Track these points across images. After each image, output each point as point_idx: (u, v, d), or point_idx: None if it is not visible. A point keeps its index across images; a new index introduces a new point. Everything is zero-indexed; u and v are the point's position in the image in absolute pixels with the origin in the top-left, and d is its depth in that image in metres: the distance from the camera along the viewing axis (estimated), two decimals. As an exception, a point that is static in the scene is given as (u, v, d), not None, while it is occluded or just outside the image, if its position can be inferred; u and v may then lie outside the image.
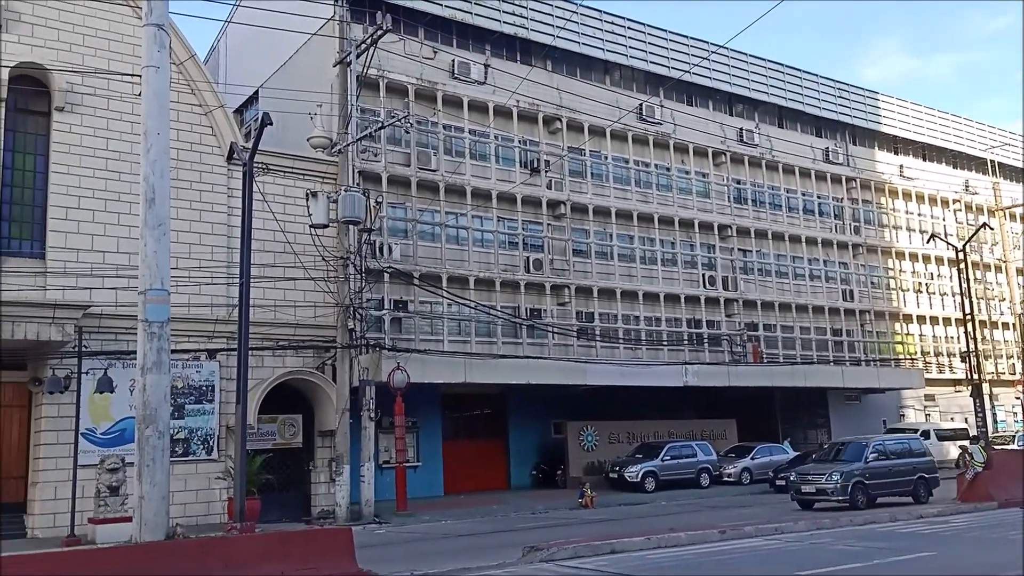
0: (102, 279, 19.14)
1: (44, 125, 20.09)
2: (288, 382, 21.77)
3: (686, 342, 30.22)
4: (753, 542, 14.28)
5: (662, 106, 31.02)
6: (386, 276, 23.59)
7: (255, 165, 16.69)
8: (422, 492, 24.73)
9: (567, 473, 27.98)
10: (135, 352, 11.33)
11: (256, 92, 28.59)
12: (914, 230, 38.79)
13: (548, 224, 27.77)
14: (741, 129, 33.42)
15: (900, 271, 37.93)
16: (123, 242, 19.67)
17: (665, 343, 29.71)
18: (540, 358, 25.98)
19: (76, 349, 18.45)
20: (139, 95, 12.11)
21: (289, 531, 12.55)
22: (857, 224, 36.57)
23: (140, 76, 11.77)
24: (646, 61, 31.31)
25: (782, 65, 35.86)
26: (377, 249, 23.42)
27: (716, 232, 31.83)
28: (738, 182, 33.19)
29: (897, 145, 39.53)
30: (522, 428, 29.10)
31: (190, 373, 20.52)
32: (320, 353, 22.38)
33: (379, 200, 23.01)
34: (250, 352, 16.09)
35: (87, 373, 18.87)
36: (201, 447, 20.56)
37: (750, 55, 34.70)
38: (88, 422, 19.02)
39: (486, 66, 26.86)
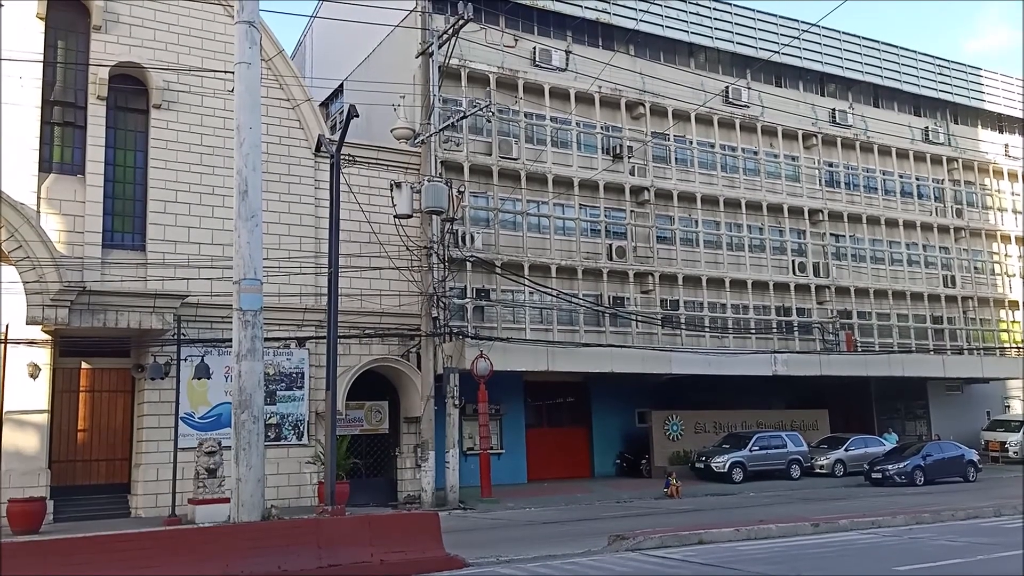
0: (198, 270, 19.88)
1: (143, 122, 20.96)
2: (374, 369, 22.18)
3: (775, 330, 29.40)
4: (848, 536, 13.79)
5: (749, 88, 30.13)
6: (468, 265, 23.73)
7: (341, 157, 17.02)
8: (506, 479, 24.86)
9: (652, 462, 27.67)
10: (230, 340, 11.70)
11: (341, 85, 29.12)
12: (1020, 212, 36.67)
13: (631, 211, 27.41)
14: (834, 110, 32.21)
15: (1006, 255, 35.94)
16: (217, 234, 20.37)
17: (753, 331, 28.98)
18: (623, 346, 25.70)
19: (175, 337, 19.22)
20: (231, 91, 12.45)
21: (378, 515, 12.77)
22: (959, 206, 34.82)
23: (232, 72, 12.07)
24: (732, 42, 30.47)
25: (877, 42, 34.36)
26: (459, 238, 23.56)
27: (807, 217, 30.80)
28: (830, 165, 32.04)
29: (1002, 123, 37.39)
30: (605, 416, 28.92)
31: (281, 360, 21.13)
32: (405, 341, 22.71)
33: (461, 189, 23.14)
34: (338, 340, 16.43)
35: (185, 360, 19.65)
36: (292, 432, 21.17)
37: (843, 32, 33.39)
38: (187, 407, 19.83)
39: (567, 52, 26.63)
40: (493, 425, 24.90)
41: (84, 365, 19.89)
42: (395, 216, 21.49)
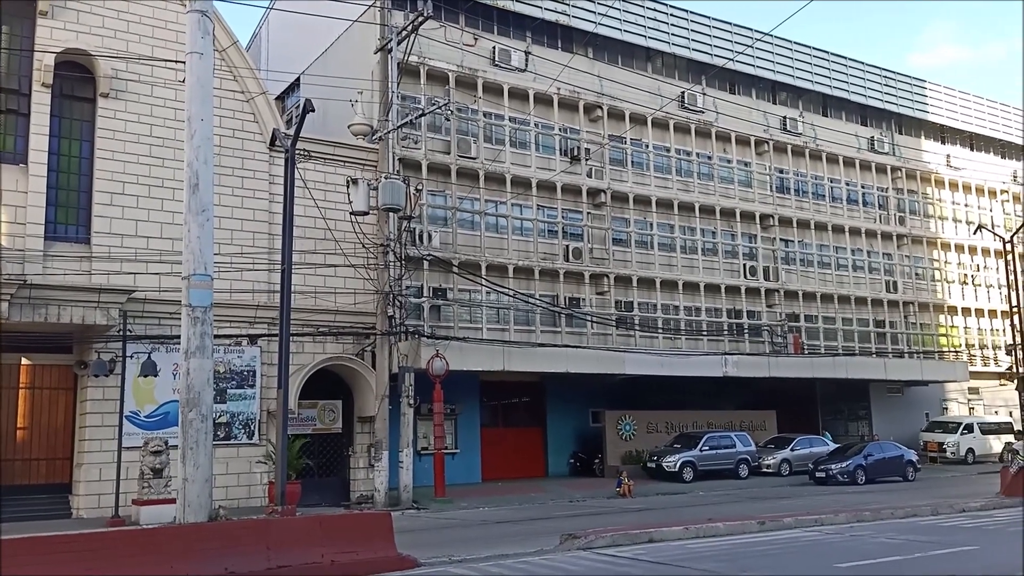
0: (146, 264, 19.43)
1: (89, 111, 20.40)
2: (328, 368, 21.94)
3: (726, 332, 29.87)
4: (792, 533, 14.08)
5: (704, 94, 30.57)
6: (425, 264, 23.61)
7: (297, 152, 16.78)
8: (460, 479, 24.80)
9: (605, 462, 27.87)
10: (178, 336, 11.44)
11: (297, 79, 28.75)
12: (960, 221, 37.86)
13: (588, 212, 27.57)
14: (784, 118, 32.85)
15: (945, 262, 37.09)
16: (166, 228, 19.94)
17: (705, 333, 29.39)
18: (579, 347, 25.84)
19: (120, 333, 18.76)
20: (183, 82, 12.17)
21: (329, 515, 12.64)
22: (902, 214, 35.79)
23: (184, 63, 11.81)
24: (689, 48, 30.88)
25: (827, 53, 35.15)
26: (417, 237, 23.44)
27: (758, 222, 31.37)
28: (781, 171, 32.65)
29: (944, 134, 38.56)
30: (560, 416, 29.04)
31: (232, 358, 20.76)
32: (360, 340, 22.50)
33: (419, 188, 23.02)
34: (291, 338, 16.20)
35: (131, 357, 19.18)
36: (242, 431, 20.82)
37: (795, 42, 34.11)
38: (132, 405, 19.36)
39: (527, 53, 26.68)
40: (448, 425, 24.80)
41: (24, 361, 19.29)
42: (351, 213, 21.28)
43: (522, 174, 26.19)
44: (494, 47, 26.22)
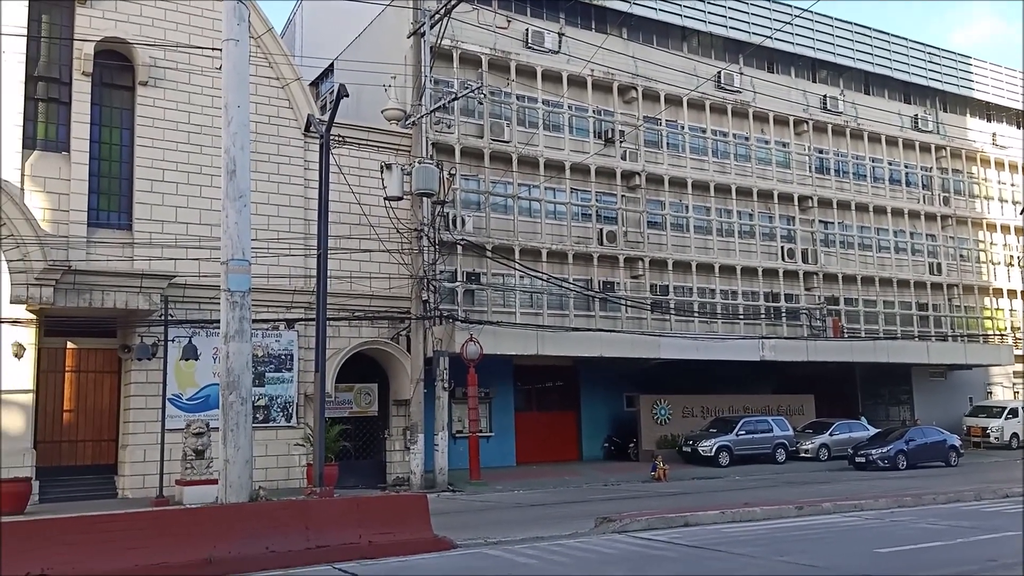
0: (186, 250, 19.71)
1: (129, 99, 20.70)
2: (364, 352, 22.13)
3: (763, 316, 29.54)
4: (831, 518, 13.92)
5: (741, 73, 30.08)
6: (459, 248, 23.65)
7: (331, 137, 16.88)
8: (494, 462, 24.93)
9: (639, 446, 27.82)
10: (218, 321, 11.62)
11: (331, 65, 28.85)
12: (1007, 201, 36.92)
13: (622, 195, 27.37)
14: (825, 96, 32.22)
15: (991, 244, 36.22)
16: (205, 214, 20.20)
17: (741, 317, 29.09)
18: (613, 331, 25.75)
19: (162, 318, 19.09)
20: (219, 69, 12.29)
21: (367, 496, 12.79)
22: (946, 195, 34.99)
23: (220, 50, 11.91)
24: (725, 27, 30.37)
25: (869, 29, 34.37)
26: (450, 221, 23.47)
27: (796, 203, 30.89)
28: (820, 151, 32.08)
29: (990, 112, 37.56)
30: (594, 400, 29.00)
31: (269, 342, 21.04)
32: (395, 324, 22.65)
33: (452, 172, 23.02)
34: (327, 322, 16.36)
35: (172, 341, 19.53)
36: (280, 414, 21.12)
37: (835, 19, 33.39)
38: (174, 388, 19.73)
39: (560, 35, 26.45)
40: (482, 408, 24.91)
41: (70, 345, 19.74)
42: (385, 198, 21.36)
43: (556, 157, 26.06)
44: (527, 29, 26.04)
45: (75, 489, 18.59)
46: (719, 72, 29.35)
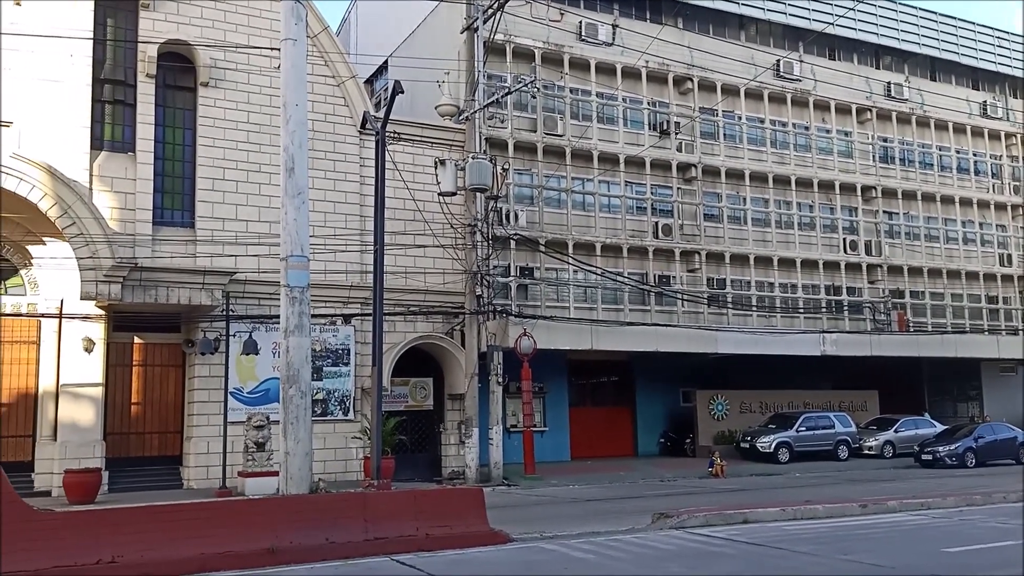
0: (246, 247, 20.12)
1: (191, 100, 21.20)
2: (419, 346, 22.30)
3: (824, 310, 28.89)
4: (897, 517, 13.53)
5: (801, 61, 29.39)
6: (512, 243, 23.65)
7: (386, 134, 17.02)
8: (549, 457, 24.90)
9: (696, 442, 27.49)
10: (277, 316, 11.82)
11: (385, 62, 29.10)
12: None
13: (678, 188, 27.03)
14: (889, 83, 31.31)
15: (1066, 234, 34.74)
16: (264, 211, 20.59)
17: (802, 311, 28.50)
18: (669, 325, 25.47)
19: (224, 313, 19.52)
20: (277, 68, 12.48)
21: (423, 489, 12.87)
22: (1017, 183, 33.69)
23: (278, 49, 12.09)
24: (784, 14, 29.72)
25: (935, 13, 33.27)
26: (504, 216, 23.48)
27: (859, 194, 30.11)
28: (884, 140, 31.20)
29: (1064, 97, 35.99)
30: (649, 395, 28.76)
31: (327, 337, 21.35)
32: (449, 319, 22.78)
33: (505, 167, 23.01)
34: (383, 317, 16.51)
35: (234, 336, 19.97)
36: (338, 407, 21.43)
37: (899, 3, 32.38)
38: (236, 381, 20.18)
39: (614, 26, 26.22)
40: (536, 403, 24.90)
41: (137, 340, 20.34)
42: (439, 194, 21.47)
43: (609, 150, 25.85)
44: (580, 21, 25.87)
45: (143, 479, 19.17)
46: (778, 60, 28.74)
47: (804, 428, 26.39)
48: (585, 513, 14.85)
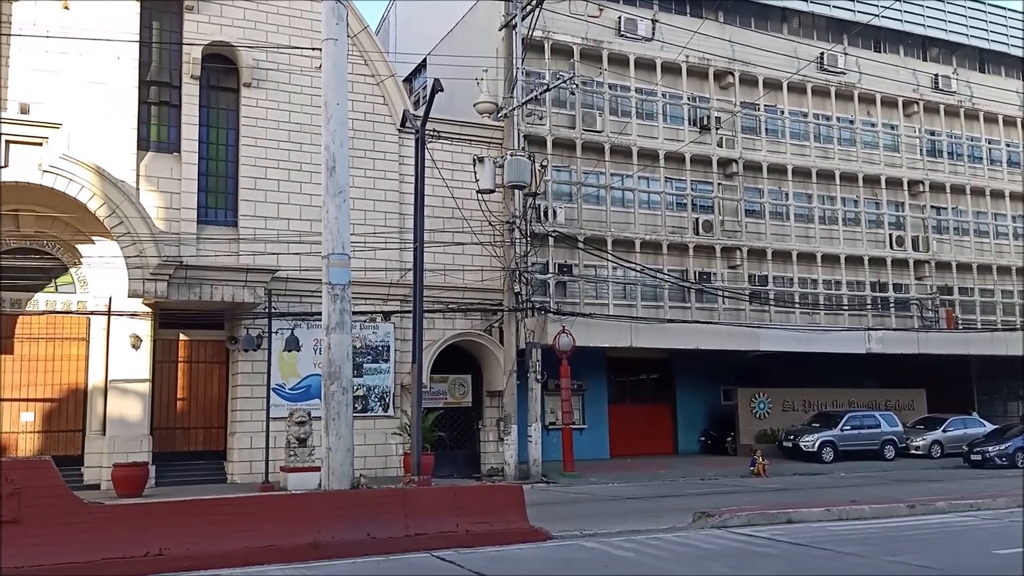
0: (287, 245, 20.37)
1: (234, 100, 21.50)
2: (457, 344, 22.38)
3: (869, 306, 28.35)
4: (946, 518, 13.22)
5: (846, 54, 28.87)
6: (551, 240, 23.60)
7: (426, 132, 17.10)
8: (588, 454, 24.82)
9: (737, 440, 27.19)
10: (319, 313, 11.94)
11: (424, 60, 29.22)
12: None
13: (719, 184, 26.73)
14: (936, 75, 30.58)
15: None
16: (305, 210, 20.80)
17: (846, 307, 28.01)
18: (710, 323, 25.21)
19: (266, 310, 19.79)
20: (318, 68, 12.59)
21: (463, 486, 12.93)
22: (1071, 176, 32.69)
23: (319, 49, 12.19)
24: (828, 6, 29.21)
25: (983, 3, 32.41)
26: (542, 213, 23.44)
27: (906, 188, 29.49)
28: (932, 133, 30.50)
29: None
30: (690, 393, 28.50)
31: (367, 334, 21.52)
32: (487, 316, 22.82)
33: (544, 163, 22.98)
34: (423, 314, 16.60)
35: (276, 333, 20.23)
36: (378, 404, 21.59)
37: (946, -8, 31.63)
38: (278, 378, 20.44)
39: (653, 21, 25.99)
40: (575, 400, 24.82)
41: (182, 337, 20.71)
42: (478, 191, 21.49)
43: (649, 146, 25.66)
44: (619, 17, 25.70)
45: (188, 474, 19.53)
46: (822, 53, 28.27)
47: (849, 427, 25.96)
48: (625, 511, 14.76)
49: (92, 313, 19.48)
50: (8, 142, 17.61)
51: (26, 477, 8.26)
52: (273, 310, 19.89)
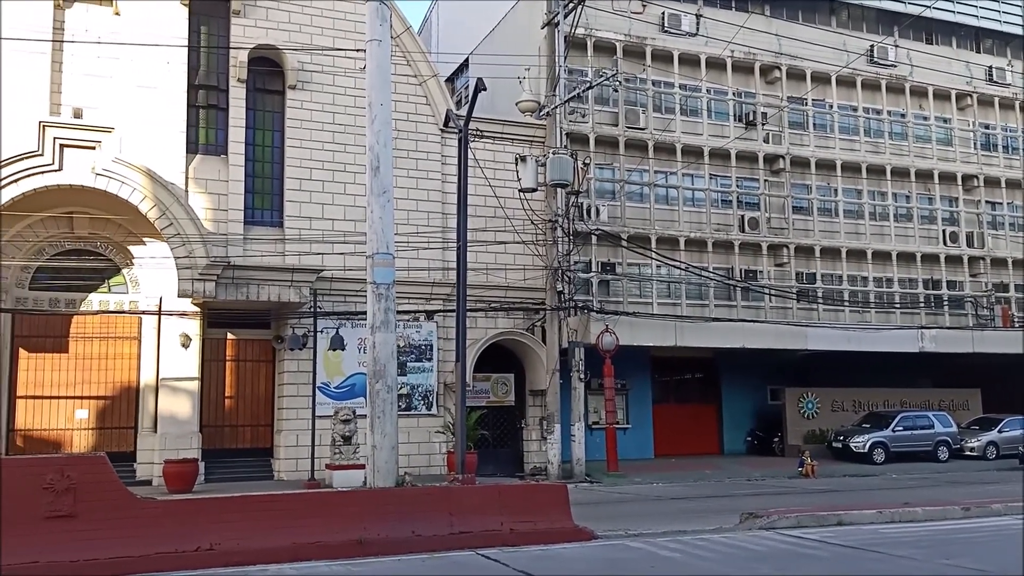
0: (332, 245, 20.57)
1: (279, 103, 21.79)
2: (500, 342, 22.38)
3: (922, 304, 27.68)
4: (1002, 520, 12.79)
5: (897, 46, 28.21)
6: (594, 238, 23.46)
7: (468, 131, 17.12)
8: (632, 454, 24.63)
9: (785, 441, 26.76)
10: (363, 312, 12.03)
11: (466, 60, 29.28)
12: None
13: (765, 180, 26.32)
14: (990, 67, 29.74)
15: None
16: (349, 210, 21.00)
17: (897, 305, 27.37)
18: (756, 321, 24.84)
19: (311, 310, 20.01)
20: (362, 70, 12.69)
21: (507, 484, 12.91)
22: None
23: (362, 51, 12.28)
24: (878, -3, 28.61)
25: (1040, -10, 31.39)
26: (585, 211, 23.32)
27: (960, 183, 28.75)
28: (986, 127, 29.66)
29: None
30: (736, 393, 28.13)
31: (410, 333, 21.64)
32: (530, 315, 22.78)
33: (587, 162, 22.86)
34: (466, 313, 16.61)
35: (321, 332, 20.42)
36: (421, 402, 21.70)
37: (1001, -18, 30.71)
38: (323, 376, 20.65)
39: (698, 16, 25.69)
40: (619, 400, 24.66)
41: (229, 336, 21.05)
42: (520, 190, 21.46)
43: (693, 143, 25.37)
44: (663, 12, 25.44)
45: (236, 470, 19.84)
46: (871, 46, 27.66)
47: (901, 428, 25.40)
48: (670, 511, 14.60)
49: (143, 313, 19.91)
50: (62, 146, 18.11)
51: (82, 473, 8.43)
52: (318, 309, 20.11)
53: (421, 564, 9.19)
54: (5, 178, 17.62)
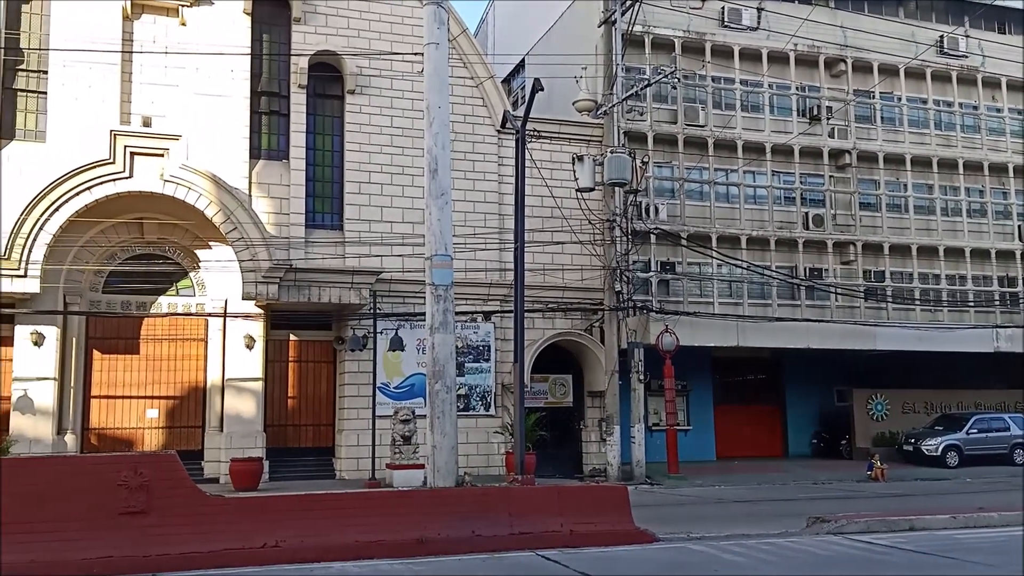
0: (390, 247, 20.77)
1: (338, 108, 22.09)
2: (557, 343, 22.29)
3: (998, 303, 26.62)
4: (1087, 528, 12.20)
5: (967, 36, 27.22)
6: (652, 237, 23.19)
7: (525, 132, 17.11)
8: (693, 456, 24.28)
9: (852, 443, 26.07)
10: (422, 314, 12.11)
11: (522, 60, 29.29)
12: None
13: (830, 176, 25.66)
14: (1067, 55, 28.44)
15: None
16: (407, 212, 21.18)
17: (971, 304, 26.39)
18: (821, 321, 24.23)
19: (371, 311, 20.24)
20: (420, 73, 12.76)
21: (567, 486, 12.84)
22: None
23: (420, 54, 12.35)
24: (948, -14, 27.66)
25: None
26: (643, 210, 23.07)
27: (1036, 176, 27.56)
28: (1063, 117, 28.39)
29: None
30: (800, 394, 27.51)
31: (468, 334, 21.71)
32: (588, 315, 22.64)
33: (645, 160, 22.59)
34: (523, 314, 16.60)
35: (381, 333, 20.67)
36: (479, 403, 21.74)
37: (1080, -35, 29.33)
38: (383, 377, 20.87)
39: (759, 10, 25.18)
40: (680, 401, 24.34)
41: (292, 337, 21.43)
42: (577, 190, 21.34)
43: (755, 139, 24.88)
44: (723, 7, 25.02)
45: (299, 469, 20.19)
46: (941, 36, 26.74)
47: (975, 430, 24.51)
48: (733, 514, 14.33)
49: (209, 315, 20.41)
50: (132, 154, 18.71)
51: (154, 470, 8.65)
52: (378, 311, 20.32)
53: (481, 564, 9.18)
54: (79, 185, 18.29)
